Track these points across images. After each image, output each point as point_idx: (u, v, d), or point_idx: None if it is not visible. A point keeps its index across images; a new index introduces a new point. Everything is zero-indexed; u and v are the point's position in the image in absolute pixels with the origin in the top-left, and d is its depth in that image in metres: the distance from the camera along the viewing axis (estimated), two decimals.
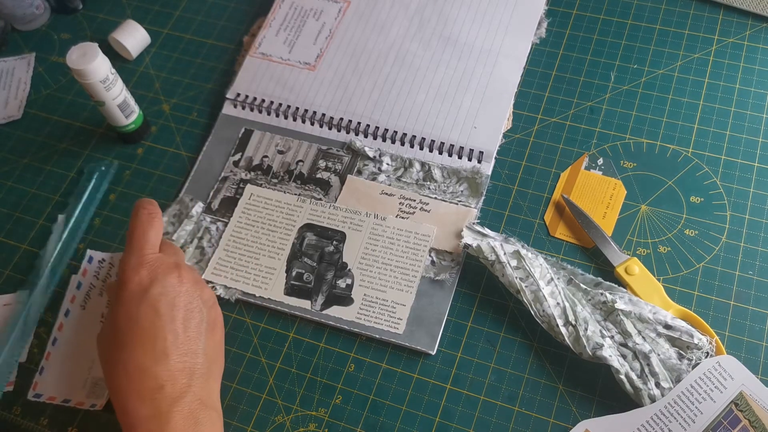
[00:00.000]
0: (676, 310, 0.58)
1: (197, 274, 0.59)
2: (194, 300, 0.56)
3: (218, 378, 0.56)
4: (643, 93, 0.71)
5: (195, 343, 0.54)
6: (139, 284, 0.55)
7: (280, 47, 0.77)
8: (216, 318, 0.58)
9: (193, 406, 0.52)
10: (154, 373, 0.51)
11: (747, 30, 0.73)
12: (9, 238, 0.71)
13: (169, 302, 0.54)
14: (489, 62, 0.73)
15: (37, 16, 0.84)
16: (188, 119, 0.76)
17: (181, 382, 0.52)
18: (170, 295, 0.55)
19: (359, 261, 0.64)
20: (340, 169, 0.70)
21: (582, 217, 0.64)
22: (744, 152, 0.66)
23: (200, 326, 0.55)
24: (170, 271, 0.56)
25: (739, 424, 0.53)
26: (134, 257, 0.56)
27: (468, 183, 0.67)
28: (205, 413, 0.52)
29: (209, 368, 0.55)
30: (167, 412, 0.50)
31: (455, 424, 0.58)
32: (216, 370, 0.56)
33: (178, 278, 0.56)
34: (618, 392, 0.56)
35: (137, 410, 0.50)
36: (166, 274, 0.55)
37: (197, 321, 0.55)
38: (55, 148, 0.76)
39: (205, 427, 0.51)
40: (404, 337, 0.61)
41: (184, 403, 0.51)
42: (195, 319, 0.55)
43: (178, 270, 0.56)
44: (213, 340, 0.56)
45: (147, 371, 0.52)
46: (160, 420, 0.50)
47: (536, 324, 0.60)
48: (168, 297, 0.54)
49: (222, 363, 0.58)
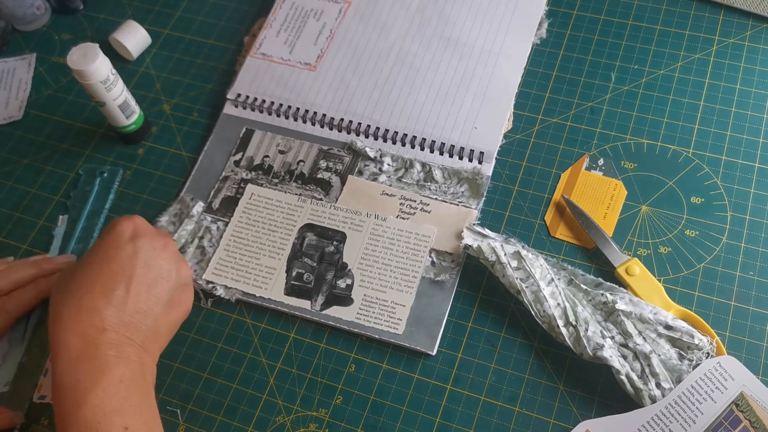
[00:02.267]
0: (677, 310, 0.58)
1: (180, 255, 0.60)
2: (169, 271, 0.57)
3: (157, 351, 0.56)
4: (643, 93, 0.71)
5: (152, 307, 0.55)
6: (125, 233, 0.56)
7: (281, 47, 0.77)
8: (181, 298, 0.58)
9: (131, 359, 0.52)
10: (104, 316, 0.52)
11: (747, 30, 0.73)
12: (9, 238, 0.71)
13: (145, 259, 0.56)
14: (489, 62, 0.73)
15: (38, 17, 0.84)
16: (189, 119, 0.76)
17: (124, 333, 0.53)
18: (149, 254, 0.56)
19: (359, 261, 0.64)
20: (341, 170, 0.70)
21: (582, 218, 0.64)
22: (745, 153, 0.66)
23: (162, 295, 0.56)
24: (157, 237, 0.58)
25: (740, 424, 0.53)
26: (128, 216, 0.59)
27: (468, 184, 0.67)
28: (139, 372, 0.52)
29: (153, 336, 0.55)
30: (104, 355, 0.51)
31: (456, 425, 0.58)
32: (157, 341, 0.56)
33: (162, 245, 0.58)
34: (618, 393, 0.56)
35: (75, 345, 0.51)
36: (153, 238, 0.58)
37: (162, 289, 0.56)
38: (56, 148, 0.76)
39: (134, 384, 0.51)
40: (404, 337, 0.61)
41: (121, 353, 0.51)
42: (161, 287, 0.56)
43: (165, 239, 0.59)
44: (168, 316, 0.57)
45: (98, 311, 0.52)
46: (94, 360, 0.50)
47: (537, 324, 0.60)
48: (146, 254, 0.56)
49: (166, 341, 0.57)
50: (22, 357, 0.63)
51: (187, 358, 0.63)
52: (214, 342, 0.63)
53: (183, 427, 0.60)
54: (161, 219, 0.68)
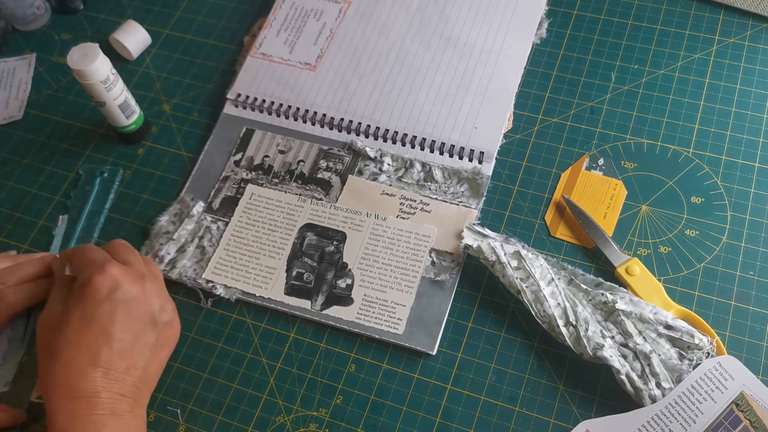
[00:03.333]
0: (677, 310, 0.58)
1: (162, 286, 0.59)
2: (152, 314, 0.56)
3: (149, 395, 0.56)
4: (643, 93, 0.71)
5: (139, 359, 0.54)
6: (101, 289, 0.54)
7: (281, 47, 0.77)
8: (169, 336, 0.58)
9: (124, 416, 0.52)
10: (94, 381, 0.52)
11: (748, 30, 0.73)
12: (9, 238, 0.71)
13: (126, 313, 0.54)
14: (489, 62, 0.73)
15: (38, 17, 0.84)
16: (189, 119, 0.76)
17: (116, 392, 0.52)
18: (130, 306, 0.55)
19: (359, 261, 0.64)
20: (341, 169, 0.70)
21: (583, 218, 0.64)
22: (745, 152, 0.66)
23: (149, 340, 0.55)
24: (135, 281, 0.56)
25: (740, 424, 0.53)
26: (100, 257, 0.56)
27: (469, 183, 0.67)
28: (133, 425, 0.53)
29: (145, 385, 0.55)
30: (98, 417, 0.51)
31: (456, 425, 0.58)
32: (148, 386, 0.56)
33: (141, 289, 0.56)
34: (619, 392, 0.56)
35: (69, 410, 0.51)
36: (131, 284, 0.55)
37: (148, 336, 0.55)
38: (56, 148, 0.76)
39: None
40: (404, 337, 0.61)
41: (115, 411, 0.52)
42: (147, 335, 0.55)
43: (142, 281, 0.56)
44: (157, 359, 0.56)
45: (88, 377, 0.52)
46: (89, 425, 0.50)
47: (537, 324, 0.60)
48: (127, 307, 0.54)
49: (156, 381, 0.57)
50: (22, 357, 0.63)
51: (187, 358, 0.63)
52: (215, 342, 0.63)
53: (183, 427, 0.60)
54: (161, 219, 0.68)
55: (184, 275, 0.65)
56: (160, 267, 0.66)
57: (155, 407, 0.61)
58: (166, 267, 0.66)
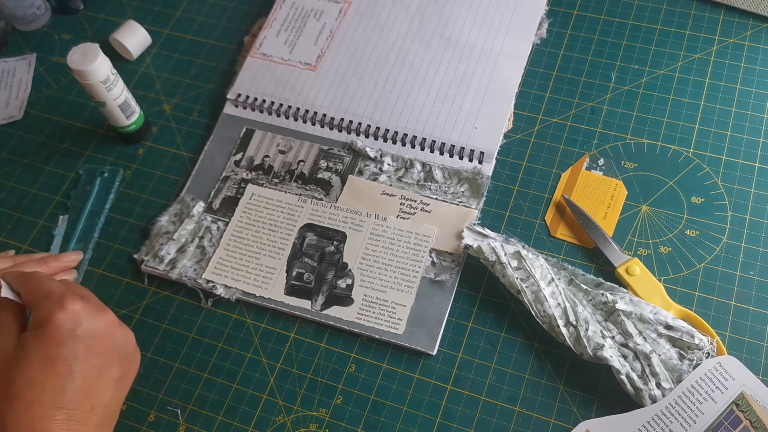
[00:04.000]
0: (677, 310, 0.58)
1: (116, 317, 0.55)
2: (116, 347, 0.53)
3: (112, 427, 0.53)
4: (644, 93, 0.71)
5: (104, 396, 0.51)
6: (63, 326, 0.50)
7: (281, 47, 0.77)
8: (132, 368, 0.55)
9: None
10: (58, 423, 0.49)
11: (748, 30, 0.73)
12: (10, 238, 0.71)
13: (91, 348, 0.51)
14: (490, 63, 0.73)
15: (38, 17, 0.84)
16: (189, 120, 0.76)
17: None
18: (95, 340, 0.51)
19: (360, 261, 0.64)
20: (341, 170, 0.70)
21: (583, 218, 0.64)
22: (745, 153, 0.66)
23: (114, 374, 0.52)
24: (97, 316, 0.52)
25: (740, 424, 0.53)
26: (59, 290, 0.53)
27: (469, 184, 0.67)
28: None
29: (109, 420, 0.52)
30: None
31: (456, 425, 0.58)
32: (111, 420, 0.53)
33: (105, 324, 0.52)
34: (619, 393, 0.56)
35: None
36: (93, 319, 0.52)
37: (113, 370, 0.52)
38: (56, 148, 0.76)
39: None
40: (404, 337, 0.61)
41: None
42: (111, 369, 0.52)
43: (104, 314, 0.53)
44: (121, 393, 0.53)
45: (52, 420, 0.49)
46: None
47: (537, 324, 0.60)
48: (90, 343, 0.51)
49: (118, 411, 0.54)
50: None
51: (187, 358, 0.63)
52: (215, 342, 0.63)
53: (183, 427, 0.60)
54: (161, 219, 0.68)
55: (184, 275, 0.65)
56: (161, 267, 0.66)
57: (155, 407, 0.61)
58: (166, 267, 0.66)
